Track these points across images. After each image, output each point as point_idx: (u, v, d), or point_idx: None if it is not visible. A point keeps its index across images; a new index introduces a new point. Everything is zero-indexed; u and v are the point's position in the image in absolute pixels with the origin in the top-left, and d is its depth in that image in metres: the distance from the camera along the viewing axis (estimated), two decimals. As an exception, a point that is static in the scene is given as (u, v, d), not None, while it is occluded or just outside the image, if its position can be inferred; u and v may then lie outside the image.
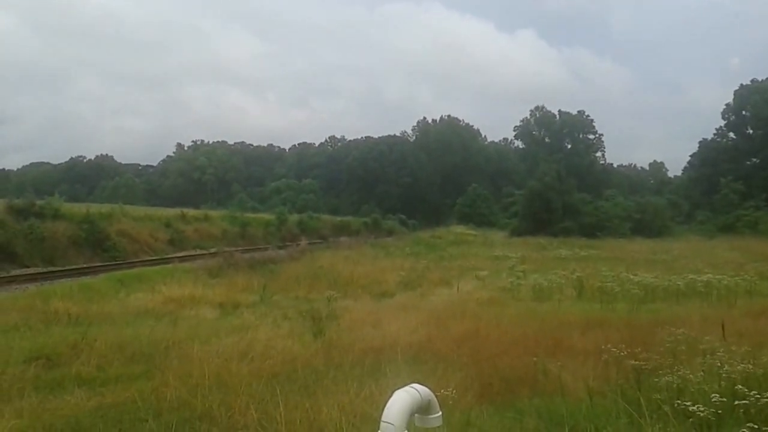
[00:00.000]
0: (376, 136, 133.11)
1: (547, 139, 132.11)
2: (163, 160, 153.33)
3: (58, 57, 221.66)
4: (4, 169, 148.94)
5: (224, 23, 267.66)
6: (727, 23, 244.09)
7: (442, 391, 6.18)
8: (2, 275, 23.89)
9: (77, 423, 6.80)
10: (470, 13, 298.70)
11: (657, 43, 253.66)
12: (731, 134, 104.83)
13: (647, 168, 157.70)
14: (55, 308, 15.30)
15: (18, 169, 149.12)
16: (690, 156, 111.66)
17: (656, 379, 6.82)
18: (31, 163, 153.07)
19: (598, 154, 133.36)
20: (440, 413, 2.79)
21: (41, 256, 29.56)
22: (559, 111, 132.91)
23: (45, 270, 26.57)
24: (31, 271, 26.14)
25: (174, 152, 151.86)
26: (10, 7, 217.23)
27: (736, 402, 5.66)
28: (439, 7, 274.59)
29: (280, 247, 45.19)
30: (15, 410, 7.13)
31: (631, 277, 20.63)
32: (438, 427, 2.82)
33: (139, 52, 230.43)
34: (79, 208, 39.01)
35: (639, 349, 7.87)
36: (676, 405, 5.96)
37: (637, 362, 7.46)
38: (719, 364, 6.75)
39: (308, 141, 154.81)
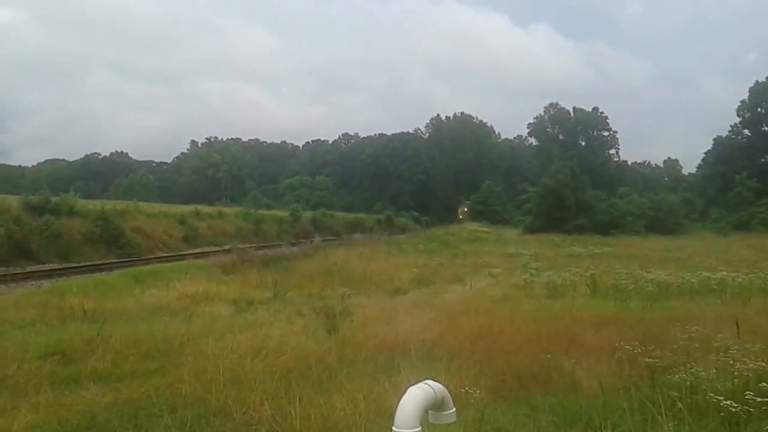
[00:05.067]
0: (390, 133, 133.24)
1: (561, 136, 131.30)
2: (178, 157, 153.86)
3: (71, 52, 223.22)
4: (20, 165, 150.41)
5: (239, 18, 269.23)
6: (743, 19, 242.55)
7: (461, 388, 6.19)
8: (18, 272, 24.10)
9: (93, 418, 6.84)
10: (484, 7, 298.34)
11: (673, 39, 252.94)
12: (746, 131, 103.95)
13: (662, 165, 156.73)
14: (71, 304, 15.41)
15: (33, 166, 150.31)
16: (705, 153, 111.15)
17: (670, 377, 6.78)
18: (46, 160, 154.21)
19: (612, 151, 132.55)
20: (454, 409, 2.81)
21: (56, 253, 29.77)
22: (574, 108, 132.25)
23: (60, 266, 26.75)
24: (47, 267, 26.32)
25: (188, 149, 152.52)
26: (23, 1, 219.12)
27: (760, 399, 5.62)
28: (452, 2, 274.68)
29: (293, 244, 45.39)
30: (31, 405, 7.19)
31: (645, 274, 20.54)
32: (452, 423, 2.83)
33: (153, 47, 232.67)
34: (93, 205, 39.29)
35: (652, 346, 7.84)
36: (698, 400, 5.94)
37: (650, 359, 7.43)
38: (732, 362, 6.71)
39: (322, 138, 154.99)
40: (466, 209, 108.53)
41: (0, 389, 8.04)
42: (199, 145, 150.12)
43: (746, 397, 5.60)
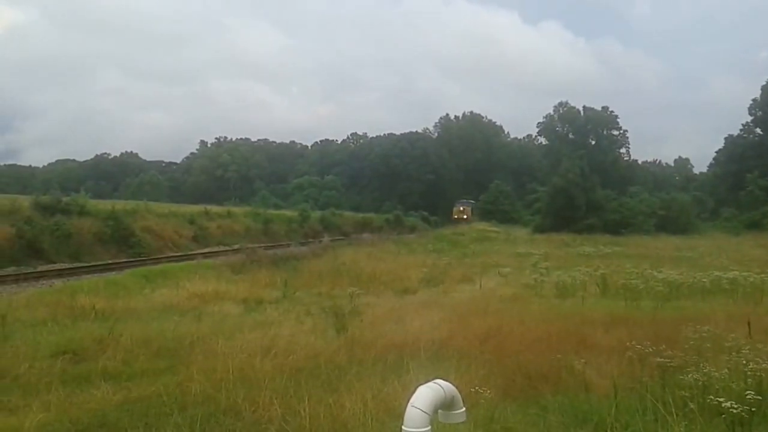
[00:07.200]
0: (399, 133, 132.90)
1: (570, 135, 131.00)
2: (187, 157, 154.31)
3: (81, 52, 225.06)
4: (30, 165, 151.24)
5: (248, 17, 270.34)
6: (754, 17, 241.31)
7: (471, 388, 6.17)
8: (29, 271, 24.19)
9: (103, 417, 6.87)
10: (494, 5, 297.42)
11: (684, 37, 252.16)
12: (758, 130, 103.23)
13: (672, 164, 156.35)
14: (82, 304, 15.48)
15: (44, 166, 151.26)
16: (716, 152, 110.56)
17: (681, 377, 6.75)
18: (57, 160, 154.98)
19: (623, 150, 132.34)
20: (464, 409, 2.80)
21: (67, 252, 29.89)
22: (584, 107, 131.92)
23: (71, 266, 26.85)
24: (58, 267, 26.43)
25: (197, 149, 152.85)
26: (33, 1, 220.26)
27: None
28: (461, 0, 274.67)
29: (302, 244, 45.40)
30: (42, 404, 7.22)
31: (656, 274, 20.45)
32: (461, 422, 2.82)
33: (162, 46, 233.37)
34: (104, 205, 39.48)
35: (664, 346, 7.80)
36: (708, 401, 5.91)
37: (662, 359, 7.40)
38: (745, 362, 6.68)
39: (330, 138, 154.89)
40: (462, 208, 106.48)
41: (12, 387, 8.08)
42: (209, 145, 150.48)
43: (748, 397, 5.58)
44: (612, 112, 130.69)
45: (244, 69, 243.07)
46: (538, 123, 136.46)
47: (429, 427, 2.50)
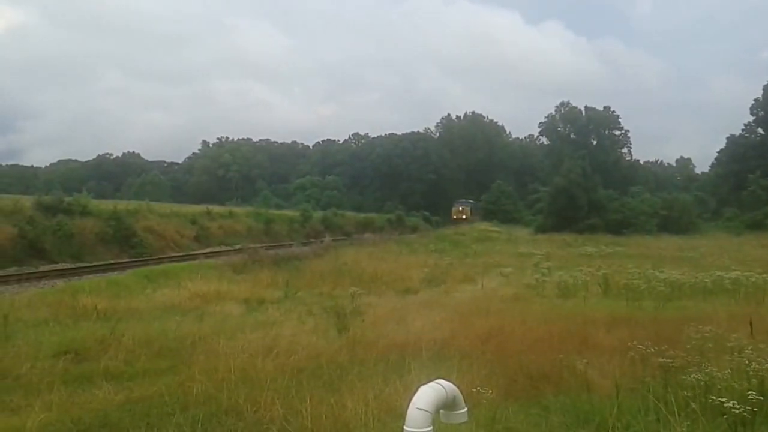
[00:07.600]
0: (400, 133, 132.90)
1: (572, 135, 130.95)
2: (189, 157, 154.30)
3: (83, 52, 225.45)
4: (32, 166, 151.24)
5: (250, 17, 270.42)
6: (755, 16, 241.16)
7: (473, 388, 6.16)
8: (31, 271, 24.22)
9: (105, 417, 6.87)
10: (495, 5, 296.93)
11: (684, 37, 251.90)
12: (760, 130, 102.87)
13: (674, 164, 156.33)
14: (84, 303, 15.49)
15: (46, 167, 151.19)
16: (718, 152, 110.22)
17: (683, 377, 6.73)
18: (59, 161, 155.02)
19: (624, 150, 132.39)
20: (465, 409, 2.80)
21: (69, 252, 29.93)
22: (585, 107, 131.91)
23: (73, 266, 26.88)
24: (60, 267, 26.46)
25: (199, 149, 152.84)
26: (34, 2, 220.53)
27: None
28: (463, 0, 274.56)
29: (304, 244, 45.37)
30: (44, 404, 7.22)
31: (658, 274, 20.40)
32: (463, 422, 2.82)
33: (164, 47, 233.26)
34: (106, 205, 39.55)
35: (666, 346, 7.77)
36: (710, 401, 5.90)
37: (663, 359, 7.37)
38: (747, 362, 6.66)
39: (332, 138, 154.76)
40: (461, 208, 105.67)
41: (14, 387, 8.09)
42: (210, 146, 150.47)
43: (750, 397, 5.57)
44: (613, 112, 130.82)
45: (245, 69, 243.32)
46: (540, 123, 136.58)
47: (431, 428, 2.50)
